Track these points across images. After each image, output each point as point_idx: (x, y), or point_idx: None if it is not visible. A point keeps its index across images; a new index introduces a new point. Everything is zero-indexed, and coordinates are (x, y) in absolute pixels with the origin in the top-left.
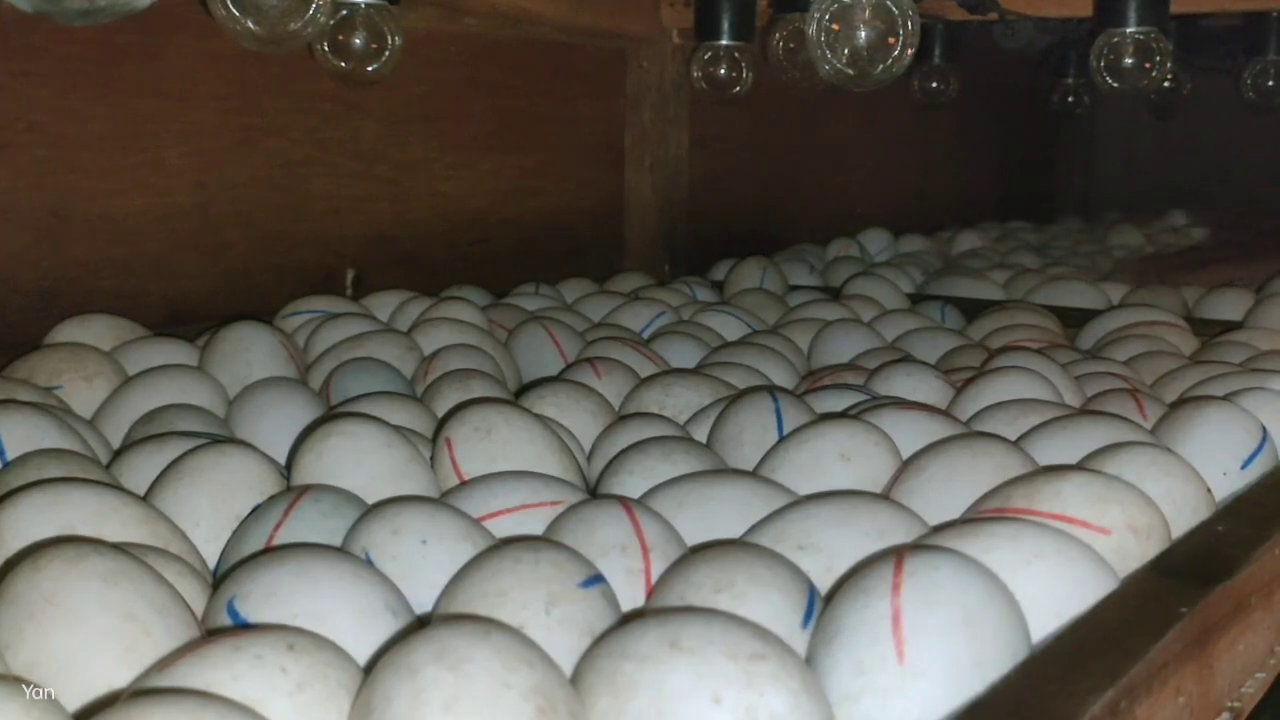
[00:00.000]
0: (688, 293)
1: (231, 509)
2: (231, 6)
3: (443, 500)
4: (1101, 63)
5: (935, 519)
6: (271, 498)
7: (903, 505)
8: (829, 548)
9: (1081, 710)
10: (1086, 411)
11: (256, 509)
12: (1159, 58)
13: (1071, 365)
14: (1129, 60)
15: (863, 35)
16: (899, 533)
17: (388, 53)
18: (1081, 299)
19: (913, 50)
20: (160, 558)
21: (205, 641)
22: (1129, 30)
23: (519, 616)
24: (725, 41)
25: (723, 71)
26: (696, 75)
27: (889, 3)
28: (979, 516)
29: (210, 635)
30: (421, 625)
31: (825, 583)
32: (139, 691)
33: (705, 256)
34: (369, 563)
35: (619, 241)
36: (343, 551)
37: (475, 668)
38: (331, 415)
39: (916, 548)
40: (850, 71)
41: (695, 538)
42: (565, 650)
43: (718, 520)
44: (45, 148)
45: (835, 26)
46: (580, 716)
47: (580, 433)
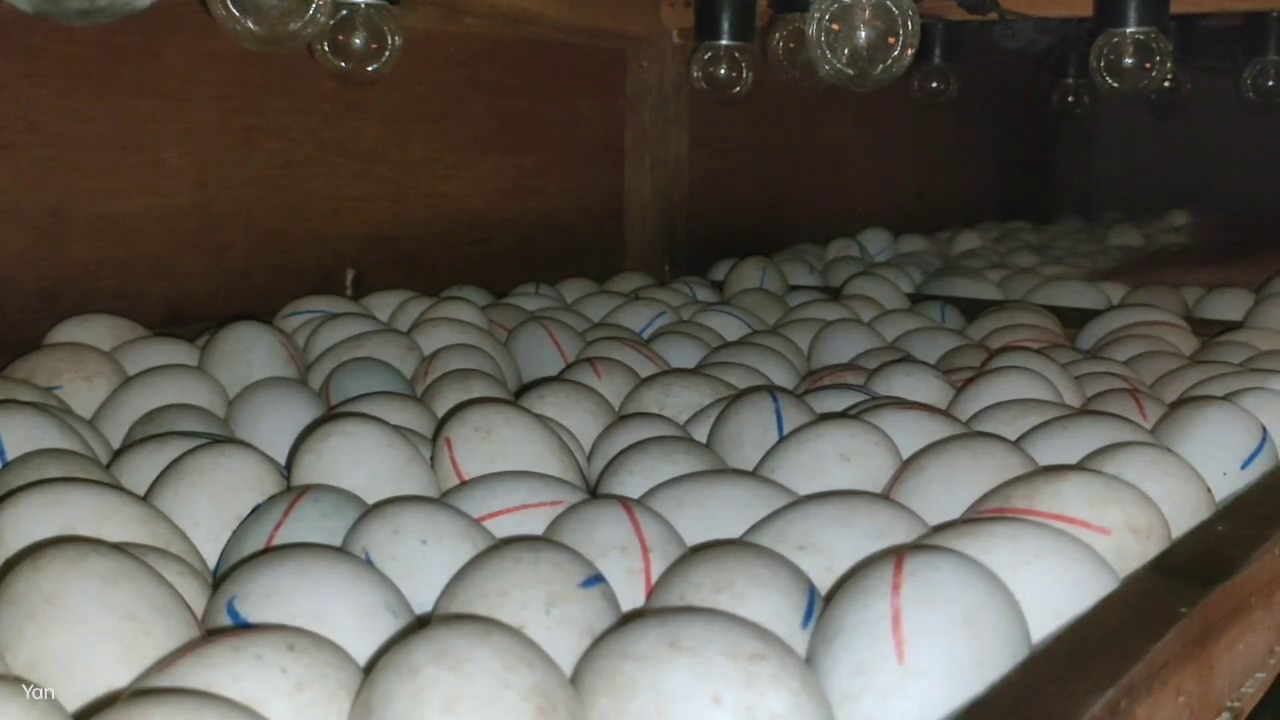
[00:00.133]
0: (688, 293)
1: (231, 509)
2: (231, 6)
3: (443, 500)
4: (1101, 63)
5: (935, 519)
6: (271, 498)
7: (903, 505)
8: (829, 548)
9: (1081, 710)
10: (1086, 411)
11: (256, 509)
12: (1159, 58)
13: (1071, 365)
14: (1129, 60)
15: (863, 35)
16: (899, 533)
17: (388, 53)
18: (1081, 299)
19: (913, 50)
20: (160, 558)
21: (205, 641)
22: (1129, 30)
23: (519, 616)
24: (725, 41)
25: (723, 71)
26: (696, 75)
27: (889, 3)
28: (979, 516)
29: (210, 635)
30: (421, 625)
31: (825, 583)
32: (139, 691)
33: (705, 256)
34: (369, 563)
35: (619, 241)
36: (343, 551)
37: (475, 668)
38: (331, 415)
39: (916, 548)
40: (850, 71)
41: (695, 538)
42: (565, 650)
43: (718, 520)
44: (45, 148)
45: (835, 26)
46: (580, 716)
47: (580, 433)
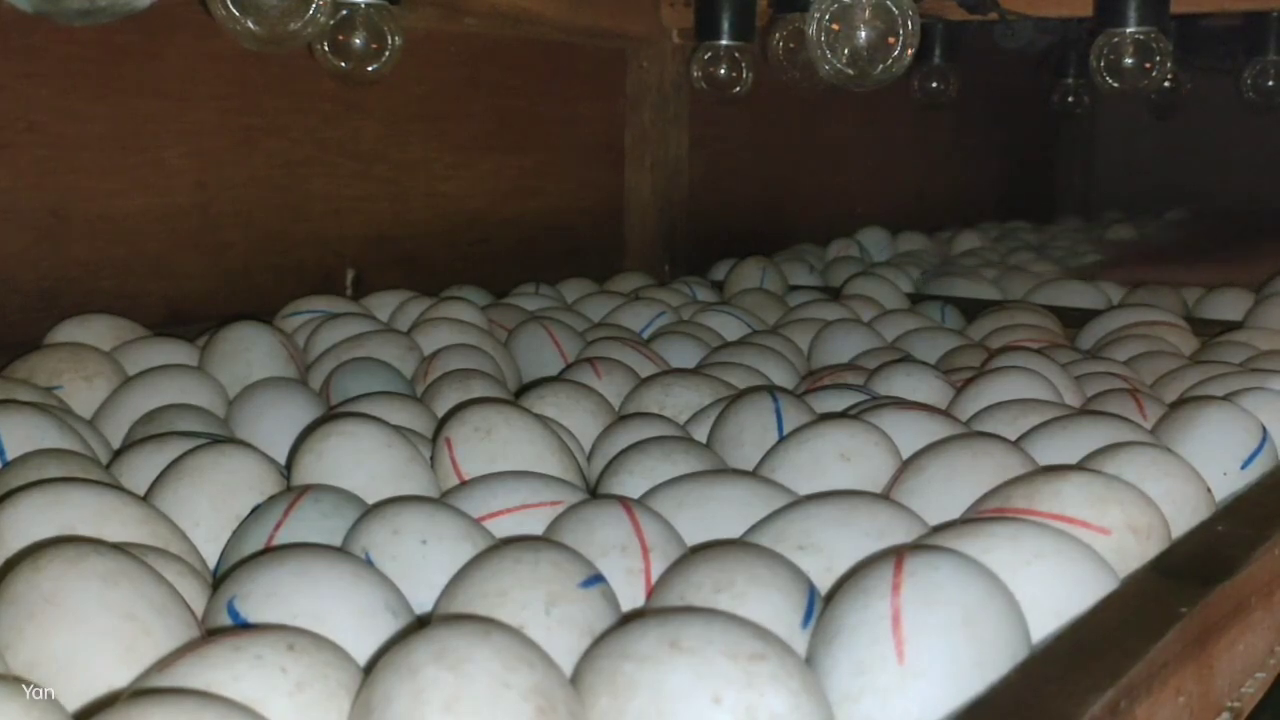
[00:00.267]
0: (688, 293)
1: (231, 509)
2: (231, 6)
3: (443, 500)
4: (1101, 63)
5: (935, 519)
6: (271, 498)
7: (903, 505)
8: (829, 548)
9: (1081, 710)
10: (1086, 411)
11: (256, 509)
12: (1159, 58)
13: (1071, 365)
14: (1129, 60)
15: (863, 35)
16: (899, 533)
17: (388, 53)
18: (1081, 299)
19: (913, 50)
20: (160, 558)
21: (205, 641)
22: (1129, 30)
23: (519, 616)
24: (725, 41)
25: (723, 71)
26: (696, 75)
27: (889, 3)
28: (979, 516)
29: (210, 635)
30: (421, 625)
31: (825, 583)
32: (139, 691)
33: (705, 256)
34: (369, 563)
35: (619, 241)
36: (343, 551)
37: (475, 668)
38: (331, 415)
39: (916, 548)
40: (850, 71)
41: (695, 538)
42: (565, 650)
43: (718, 520)
44: (45, 148)
45: (835, 26)
46: (580, 716)
47: (580, 433)
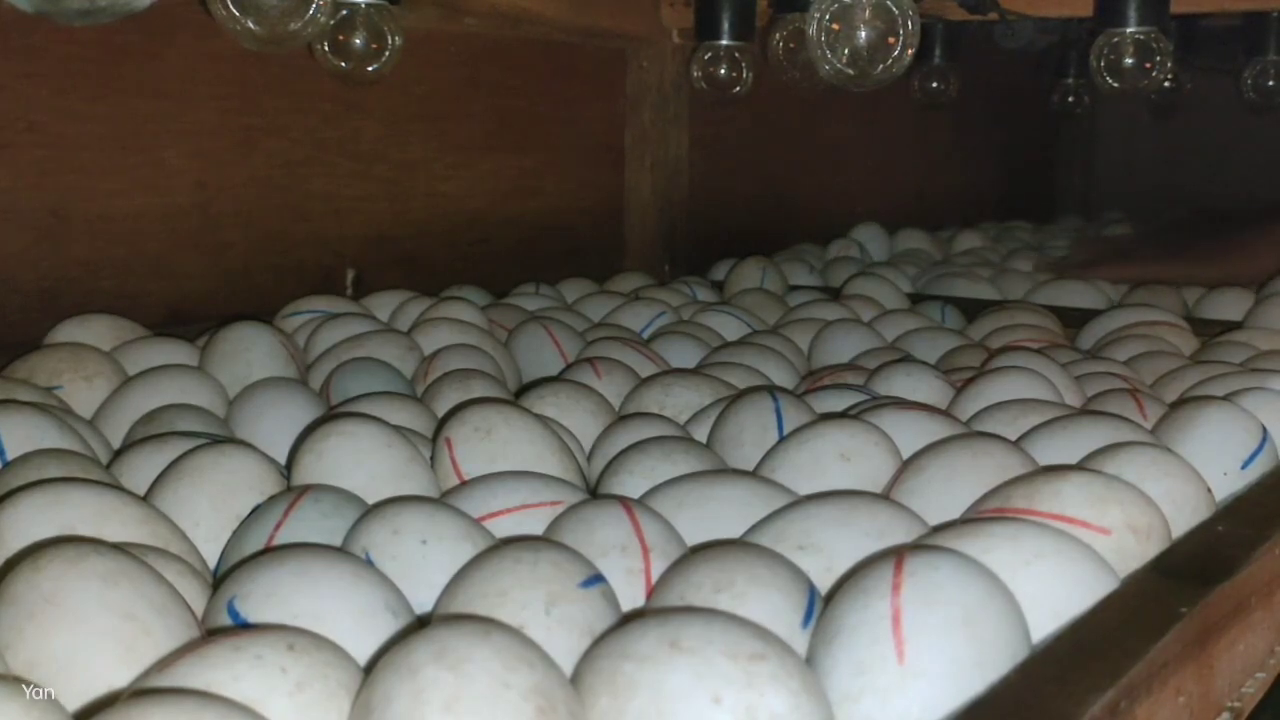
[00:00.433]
0: (688, 293)
1: (231, 509)
2: (231, 6)
3: (443, 500)
4: (1101, 63)
5: (935, 519)
6: (271, 498)
7: (903, 505)
8: (829, 548)
9: (1081, 710)
10: (1086, 411)
11: (256, 509)
12: (1159, 58)
13: (1071, 365)
14: (1129, 60)
15: (863, 35)
16: (899, 533)
17: (388, 53)
18: (1081, 299)
19: (913, 50)
20: (160, 558)
21: (205, 641)
22: (1129, 30)
23: (519, 616)
24: (725, 41)
25: (723, 71)
26: (696, 75)
27: (889, 3)
28: (979, 516)
29: (210, 635)
30: (421, 625)
31: (825, 583)
32: (139, 691)
33: (705, 256)
34: (369, 563)
35: (619, 241)
36: (343, 551)
37: (475, 668)
38: (331, 415)
39: (916, 548)
40: (850, 71)
41: (695, 538)
42: (565, 650)
43: (718, 520)
44: (45, 148)
45: (835, 26)
46: (580, 716)
47: (580, 433)
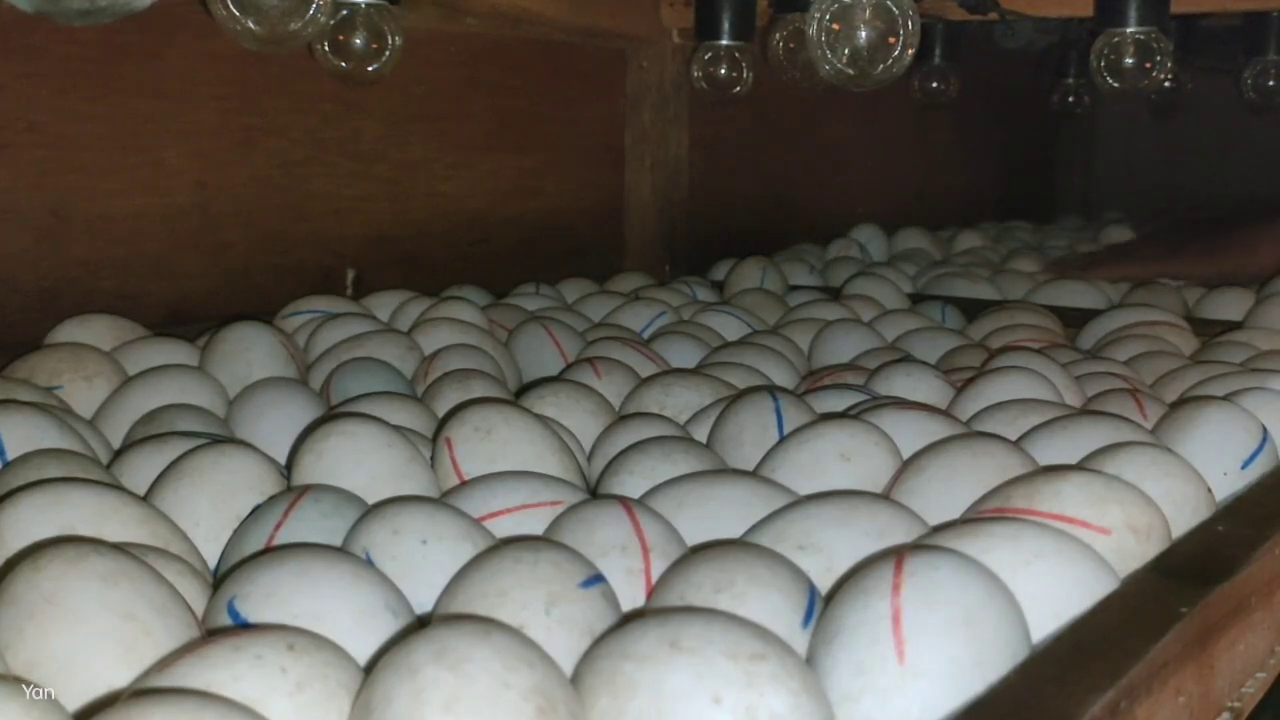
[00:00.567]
0: (688, 293)
1: (231, 509)
2: (231, 6)
3: (443, 500)
4: (1101, 63)
5: (935, 519)
6: (271, 498)
7: (903, 505)
8: (829, 548)
9: (1081, 710)
10: (1086, 411)
11: (256, 509)
12: (1159, 58)
13: (1071, 365)
14: (1129, 60)
15: (863, 35)
16: (899, 533)
17: (388, 53)
18: (1081, 299)
19: (913, 50)
20: (160, 558)
21: (205, 641)
22: (1129, 30)
23: (519, 616)
24: (725, 41)
25: (723, 71)
26: (696, 75)
27: (889, 3)
28: (979, 516)
29: (210, 635)
30: (421, 625)
31: (825, 583)
32: (139, 691)
33: (705, 256)
34: (369, 563)
35: (619, 241)
36: (343, 551)
37: (475, 668)
38: (331, 415)
39: (916, 548)
40: (850, 71)
41: (695, 538)
42: (565, 650)
43: (718, 520)
44: (45, 148)
45: (835, 26)
46: (580, 716)
47: (580, 433)
